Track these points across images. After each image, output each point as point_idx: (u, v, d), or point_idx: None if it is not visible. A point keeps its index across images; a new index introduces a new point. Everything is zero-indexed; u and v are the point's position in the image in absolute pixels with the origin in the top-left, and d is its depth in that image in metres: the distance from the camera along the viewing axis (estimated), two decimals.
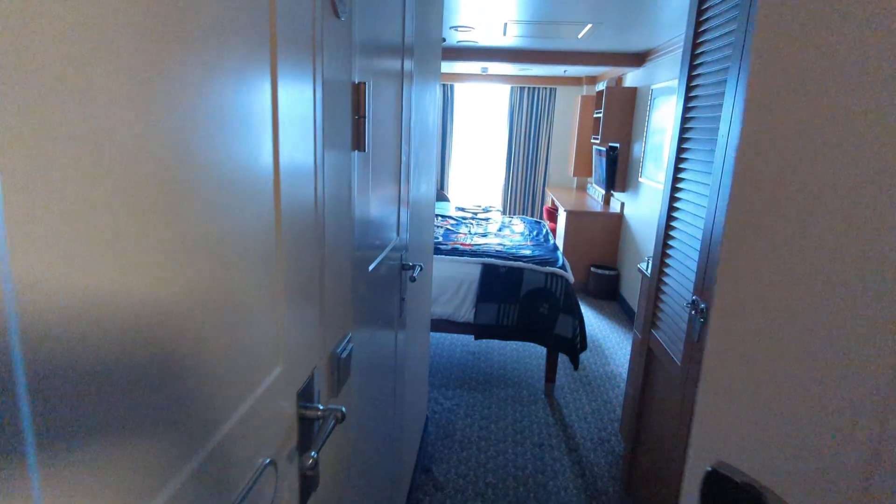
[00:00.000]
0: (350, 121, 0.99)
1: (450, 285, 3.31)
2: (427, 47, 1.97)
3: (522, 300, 3.27)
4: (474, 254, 3.49)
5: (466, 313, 3.30)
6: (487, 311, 3.28)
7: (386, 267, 1.49)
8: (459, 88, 7.68)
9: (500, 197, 7.70)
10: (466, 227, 4.51)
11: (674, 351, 1.87)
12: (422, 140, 2.00)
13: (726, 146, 1.55)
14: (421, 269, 1.75)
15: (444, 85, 7.44)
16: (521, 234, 4.30)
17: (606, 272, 5.36)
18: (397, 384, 1.80)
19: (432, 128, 2.31)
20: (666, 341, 1.98)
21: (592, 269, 5.46)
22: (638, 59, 4.96)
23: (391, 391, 1.66)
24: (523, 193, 7.63)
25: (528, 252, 3.61)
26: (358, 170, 1.06)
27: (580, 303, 5.01)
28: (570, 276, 3.34)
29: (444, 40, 3.59)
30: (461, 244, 3.79)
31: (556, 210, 6.40)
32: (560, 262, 3.46)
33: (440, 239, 3.95)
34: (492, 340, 4.17)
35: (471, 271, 3.35)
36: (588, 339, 4.37)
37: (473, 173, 8.54)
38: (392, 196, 1.49)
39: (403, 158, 1.60)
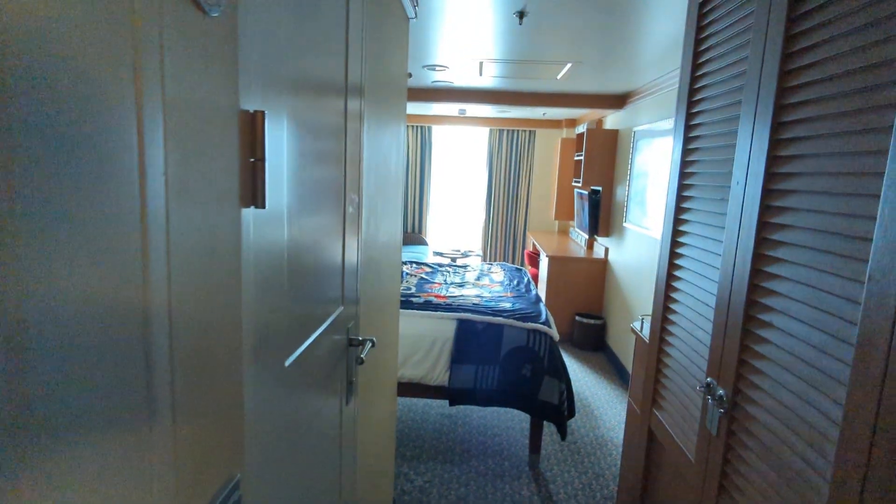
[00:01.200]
0: (237, 164, 0.67)
1: (421, 344, 2.97)
2: (386, 86, 1.71)
3: (503, 361, 2.94)
4: (449, 308, 3.17)
5: (440, 376, 2.94)
6: (464, 373, 2.93)
7: (324, 348, 1.16)
8: (438, 131, 7.52)
9: (481, 240, 7.44)
10: (443, 275, 4.20)
11: (683, 441, 1.55)
12: (380, 186, 1.71)
13: (744, 196, 1.27)
14: (373, 346, 1.42)
15: (421, 127, 7.27)
16: (501, 283, 3.99)
17: (592, 321, 5.07)
18: (344, 478, 1.44)
19: (395, 172, 2.02)
20: (672, 426, 1.65)
21: (577, 317, 5.16)
22: (619, 101, 4.82)
23: (333, 488, 1.30)
24: (504, 237, 7.38)
25: (508, 305, 3.29)
26: (255, 232, 0.74)
27: (566, 358, 4.66)
28: (554, 332, 3.02)
29: (410, 75, 3.37)
30: (436, 296, 3.46)
31: (538, 255, 6.14)
32: (543, 316, 3.15)
33: (412, 290, 3.62)
34: (469, 406, 3.78)
35: (445, 328, 3.01)
36: (575, 398, 4.02)
37: (453, 216, 8.31)
38: (331, 259, 1.17)
39: (350, 209, 1.30)
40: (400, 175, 2.12)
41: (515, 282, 4.04)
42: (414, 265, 4.52)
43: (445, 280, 4.01)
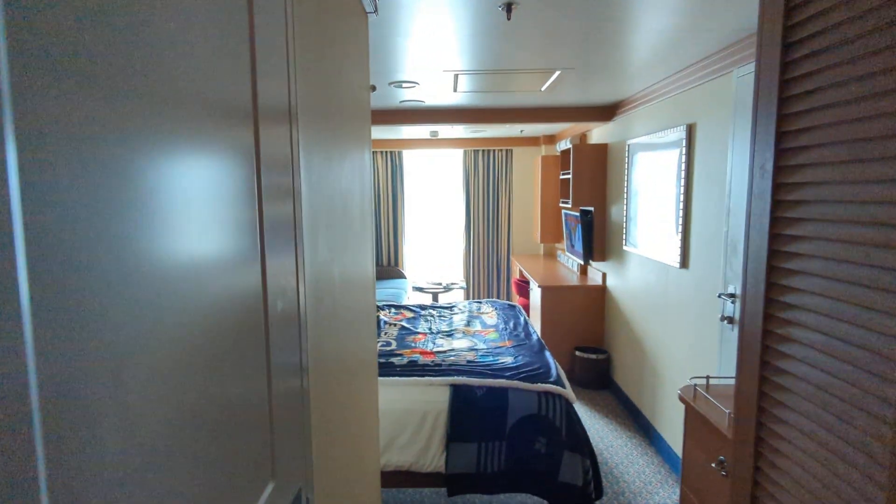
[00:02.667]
0: None
1: (409, 421, 2.39)
2: (336, 104, 1.17)
3: (511, 435, 2.38)
4: (440, 370, 2.60)
5: (434, 459, 2.37)
6: (463, 454, 2.36)
7: None
8: (409, 155, 7.01)
9: (462, 269, 6.90)
10: (427, 321, 3.64)
11: None
12: (335, 224, 1.16)
13: None
14: None
15: (390, 153, 6.76)
16: (496, 327, 3.45)
17: (594, 355, 4.55)
18: None
19: (360, 205, 1.47)
20: None
21: (577, 352, 4.63)
22: (606, 112, 4.38)
23: None
24: (487, 264, 6.87)
25: (509, 360, 2.75)
26: None
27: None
28: (570, 393, 2.48)
29: (373, 88, 2.85)
30: (421, 352, 2.90)
31: (527, 283, 5.63)
32: (554, 372, 2.61)
33: (392, 345, 3.05)
34: (472, 495, 2.94)
35: (437, 397, 2.45)
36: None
37: (431, 245, 7.78)
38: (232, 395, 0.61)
39: (270, 273, 0.74)
40: (366, 208, 1.58)
41: (512, 324, 3.50)
42: (392, 310, 3.95)
43: (430, 328, 3.45)
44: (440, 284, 5.88)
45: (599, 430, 3.81)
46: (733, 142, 2.55)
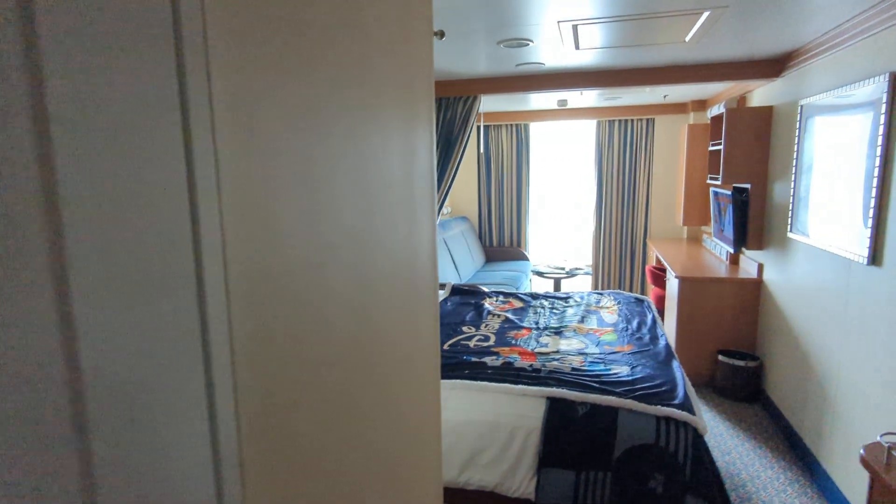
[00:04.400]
0: None
1: (496, 436, 2.06)
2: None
3: (618, 465, 1.94)
4: (537, 377, 2.23)
5: (523, 484, 2.01)
6: (558, 482, 1.97)
7: None
8: (536, 128, 6.52)
9: (591, 254, 6.31)
10: (535, 314, 3.24)
11: None
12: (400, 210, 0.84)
13: None
14: None
15: (516, 125, 6.33)
16: (615, 326, 2.95)
17: (742, 362, 3.80)
18: None
19: (421, 188, 1.14)
20: None
21: (721, 357, 3.92)
22: (772, 66, 3.54)
23: None
24: (619, 249, 6.19)
25: (625, 371, 2.28)
26: None
27: (705, 410, 3.30)
28: (700, 421, 1.96)
29: (440, 35, 2.39)
30: (521, 352, 2.53)
31: (664, 272, 4.93)
32: (681, 391, 2.09)
33: (491, 341, 2.72)
34: None
35: (529, 411, 2.08)
36: (726, 480, 2.86)
37: (558, 226, 7.28)
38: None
39: None
40: (429, 194, 1.23)
41: (636, 323, 2.98)
42: (500, 298, 3.61)
43: (538, 323, 3.05)
44: (563, 269, 5.39)
45: (743, 454, 3.15)
46: None
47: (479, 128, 5.07)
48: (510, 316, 3.17)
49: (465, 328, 2.96)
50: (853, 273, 2.54)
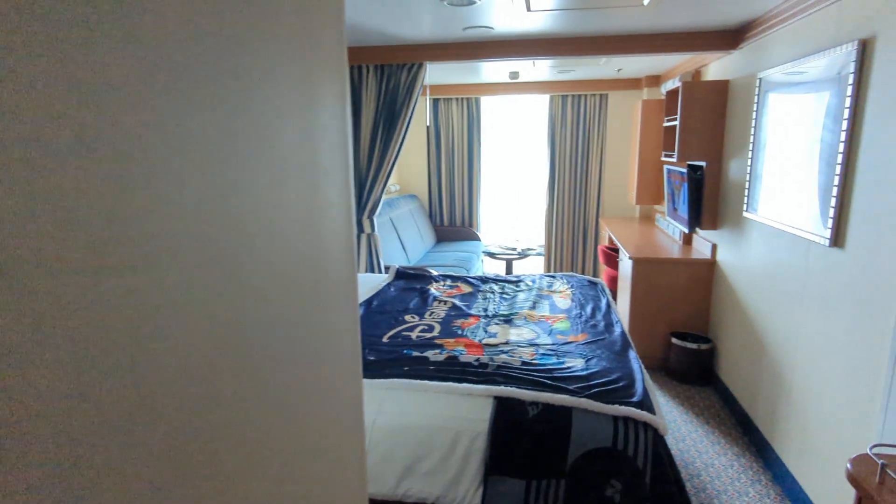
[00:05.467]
0: None
1: (437, 441, 1.82)
2: None
3: (573, 473, 1.74)
4: (484, 373, 2.00)
5: (468, 496, 1.79)
6: (506, 492, 1.76)
7: None
8: (487, 103, 6.26)
9: (544, 233, 6.15)
10: (485, 299, 3.02)
11: None
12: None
13: None
14: None
15: (466, 99, 6.05)
16: (568, 312, 2.76)
17: (694, 345, 3.72)
18: None
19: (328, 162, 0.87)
20: None
21: (674, 339, 3.83)
22: (729, 38, 3.39)
23: None
24: (572, 228, 6.06)
25: (579, 363, 2.08)
26: None
27: (659, 394, 3.15)
28: (661, 422, 1.78)
29: None
30: (466, 343, 2.30)
31: (617, 252, 4.81)
32: (640, 388, 1.91)
33: (436, 331, 2.48)
34: None
35: (474, 413, 1.85)
36: (681, 466, 2.75)
37: (510, 205, 7.09)
38: None
39: None
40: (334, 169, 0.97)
41: (590, 308, 2.80)
42: (448, 282, 3.37)
43: (486, 309, 2.83)
44: (515, 250, 5.20)
45: (697, 440, 3.05)
46: None
47: (427, 101, 4.76)
48: (457, 302, 2.93)
49: (408, 317, 2.70)
50: (813, 254, 2.42)
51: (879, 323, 1.92)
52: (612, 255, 4.88)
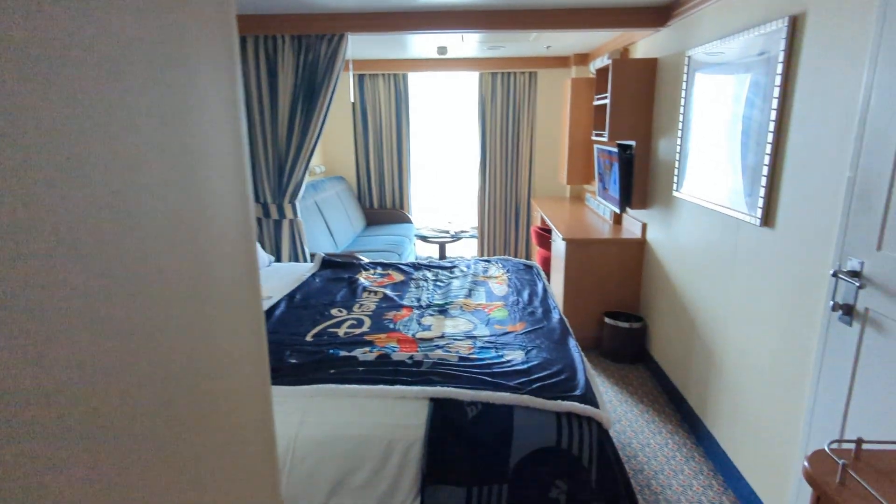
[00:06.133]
0: None
1: (368, 452, 1.65)
2: None
3: (515, 476, 1.63)
4: (418, 372, 1.84)
5: None
6: (445, 502, 1.62)
7: None
8: (415, 79, 6.02)
9: (477, 214, 6.05)
10: (417, 288, 2.85)
11: None
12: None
13: None
14: None
15: (393, 76, 5.78)
16: (505, 299, 2.65)
17: (626, 324, 3.75)
18: None
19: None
20: None
21: (607, 319, 3.85)
22: (658, 14, 3.35)
23: None
24: (504, 209, 5.99)
25: (519, 356, 1.97)
26: None
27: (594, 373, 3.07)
28: (605, 415, 1.70)
29: None
30: (399, 338, 2.13)
31: (549, 233, 4.78)
32: (582, 380, 1.82)
33: (365, 325, 2.29)
34: None
35: (408, 418, 1.69)
36: (620, 447, 2.74)
37: (442, 186, 6.94)
38: None
39: None
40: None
41: (527, 294, 2.70)
42: (378, 270, 3.17)
43: (420, 299, 2.66)
44: (447, 233, 5.06)
45: (633, 420, 3.07)
46: (882, 38, 1.61)
47: (350, 76, 4.48)
48: (389, 292, 2.75)
49: (335, 311, 2.49)
50: (742, 233, 2.43)
51: (808, 301, 1.93)
52: (544, 236, 4.85)
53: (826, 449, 1.11)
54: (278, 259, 3.89)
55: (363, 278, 2.98)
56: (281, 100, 3.60)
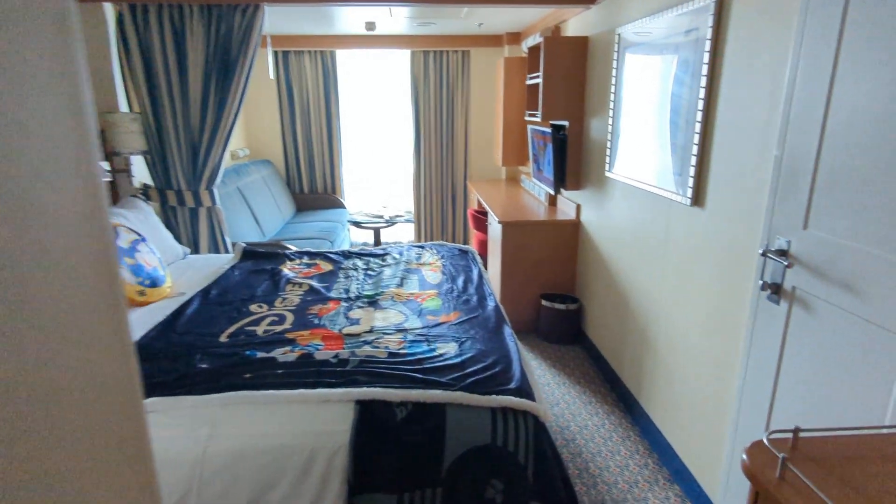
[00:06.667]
0: None
1: (289, 463, 1.50)
2: None
3: (448, 477, 1.53)
4: (344, 371, 1.70)
5: None
6: None
7: None
8: (344, 57, 5.75)
9: (413, 198, 5.90)
10: (347, 278, 2.69)
11: None
12: None
13: None
14: None
15: (321, 53, 5.49)
16: (438, 288, 2.53)
17: (563, 306, 3.75)
18: None
19: None
20: None
21: (544, 301, 3.83)
22: None
23: None
24: (441, 192, 5.87)
25: (452, 348, 1.86)
26: None
27: (531, 357, 3.05)
28: (542, 408, 1.63)
29: None
30: (324, 335, 1.98)
31: (485, 215, 4.72)
32: (517, 372, 1.74)
33: (287, 322, 2.11)
34: None
35: (333, 424, 1.56)
36: (557, 430, 2.73)
37: (376, 169, 6.73)
38: None
39: None
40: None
41: (462, 281, 2.60)
42: (304, 259, 2.98)
43: (349, 290, 2.51)
44: (382, 218, 4.88)
45: (570, 403, 3.06)
46: (808, 15, 1.58)
47: (269, 51, 4.18)
48: (315, 284, 2.57)
49: (254, 306, 2.30)
50: (673, 213, 2.42)
51: (738, 281, 1.93)
52: (481, 219, 4.77)
53: (764, 440, 1.06)
54: (196, 251, 3.61)
55: (287, 269, 2.78)
56: (191, 76, 3.29)
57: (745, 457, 1.07)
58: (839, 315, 1.46)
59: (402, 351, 1.83)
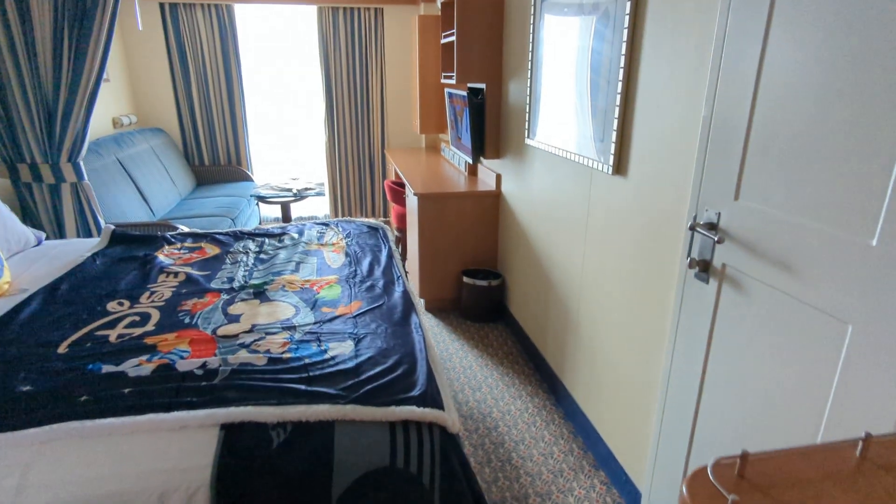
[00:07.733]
0: None
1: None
2: None
3: None
4: (210, 387, 1.38)
5: None
6: None
7: None
8: (243, 13, 5.16)
9: (327, 170, 5.47)
10: (234, 263, 2.32)
11: None
12: None
13: None
14: None
15: (215, 7, 4.88)
16: (340, 272, 2.23)
17: (485, 282, 3.55)
18: None
19: None
20: None
21: (465, 277, 3.61)
22: None
23: None
24: (357, 163, 5.49)
25: (348, 348, 1.58)
26: None
27: (451, 338, 2.82)
28: (451, 418, 1.38)
29: None
30: (193, 338, 1.63)
31: (403, 186, 4.41)
32: (422, 376, 1.49)
33: (150, 323, 1.75)
34: None
35: (191, 455, 1.24)
36: (479, 413, 2.54)
37: (285, 137, 6.22)
38: None
39: None
40: None
41: (367, 263, 2.30)
42: (187, 242, 2.57)
43: (233, 279, 2.15)
44: (290, 191, 4.46)
45: (493, 386, 2.88)
46: None
47: (161, 7, 3.61)
48: (194, 272, 2.19)
49: (112, 304, 1.90)
50: (595, 182, 2.24)
51: (665, 257, 1.76)
52: (398, 191, 4.46)
53: (709, 473, 0.85)
54: (62, 235, 3.08)
55: (164, 255, 2.37)
56: (37, 26, 2.73)
57: (684, 490, 0.86)
58: (773, 295, 1.31)
59: (284, 355, 1.53)
